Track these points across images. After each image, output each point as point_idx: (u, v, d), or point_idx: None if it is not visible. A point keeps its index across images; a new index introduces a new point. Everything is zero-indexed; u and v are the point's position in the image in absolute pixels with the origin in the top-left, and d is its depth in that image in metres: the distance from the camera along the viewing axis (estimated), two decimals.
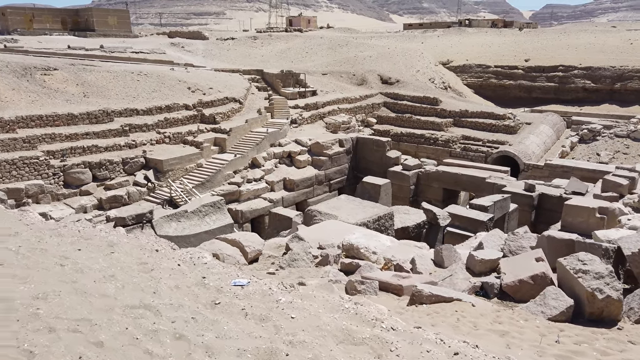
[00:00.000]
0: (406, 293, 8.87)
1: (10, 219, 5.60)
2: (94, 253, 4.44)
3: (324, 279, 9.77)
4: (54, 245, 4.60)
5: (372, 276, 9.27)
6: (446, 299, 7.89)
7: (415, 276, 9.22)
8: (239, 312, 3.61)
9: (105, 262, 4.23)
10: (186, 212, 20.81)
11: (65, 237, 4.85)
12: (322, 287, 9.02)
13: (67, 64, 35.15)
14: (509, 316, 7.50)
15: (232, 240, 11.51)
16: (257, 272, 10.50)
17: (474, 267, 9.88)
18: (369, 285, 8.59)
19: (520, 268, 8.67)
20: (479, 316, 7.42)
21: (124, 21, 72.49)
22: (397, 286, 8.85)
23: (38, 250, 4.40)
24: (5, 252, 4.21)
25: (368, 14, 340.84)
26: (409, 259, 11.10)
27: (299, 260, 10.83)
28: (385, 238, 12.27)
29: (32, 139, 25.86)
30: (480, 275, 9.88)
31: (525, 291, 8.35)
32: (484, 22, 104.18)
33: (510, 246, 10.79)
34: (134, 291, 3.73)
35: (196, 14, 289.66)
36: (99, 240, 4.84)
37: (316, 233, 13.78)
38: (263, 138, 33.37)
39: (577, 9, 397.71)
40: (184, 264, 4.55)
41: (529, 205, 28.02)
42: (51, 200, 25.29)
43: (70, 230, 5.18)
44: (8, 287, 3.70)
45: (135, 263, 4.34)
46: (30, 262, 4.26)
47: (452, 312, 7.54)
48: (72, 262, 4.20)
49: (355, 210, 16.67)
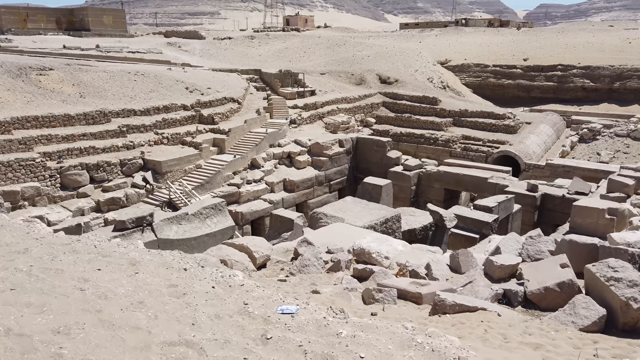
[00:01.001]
0: (425, 301, 8.52)
1: (16, 231, 5.15)
2: (116, 273, 3.99)
3: (337, 286, 9.40)
4: (70, 264, 4.15)
5: (388, 283, 8.91)
6: (470, 308, 7.54)
7: (434, 283, 8.86)
8: (296, 350, 3.17)
9: (131, 285, 3.79)
10: (187, 214, 20.40)
11: (81, 254, 4.40)
12: (337, 295, 8.66)
13: (62, 64, 34.59)
14: (538, 327, 7.15)
15: (240, 246, 11.13)
16: (267, 279, 10.12)
17: (493, 273, 9.54)
18: (387, 293, 8.22)
19: (545, 275, 8.33)
20: (507, 327, 7.07)
21: (119, 21, 71.75)
22: (416, 294, 8.49)
23: (53, 270, 3.98)
24: (15, 273, 3.77)
25: (363, 13, 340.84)
26: (423, 264, 10.76)
27: (309, 266, 10.46)
28: (397, 242, 11.91)
29: (28, 140, 25.33)
30: (500, 281, 9.55)
31: (551, 299, 8.02)
32: (480, 21, 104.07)
33: (528, 250, 10.46)
34: (170, 322, 3.28)
35: (191, 13, 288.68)
36: (119, 257, 4.40)
37: (323, 237, 13.41)
38: (262, 138, 32.96)
39: (571, 9, 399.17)
40: (218, 285, 4.12)
41: (532, 205, 27.77)
42: (48, 203, 24.79)
43: (85, 246, 4.74)
44: (24, 318, 3.25)
45: (164, 285, 3.89)
46: (46, 285, 3.88)
47: (478, 323, 7.18)
48: (94, 285, 3.74)
49: (362, 212, 16.31)
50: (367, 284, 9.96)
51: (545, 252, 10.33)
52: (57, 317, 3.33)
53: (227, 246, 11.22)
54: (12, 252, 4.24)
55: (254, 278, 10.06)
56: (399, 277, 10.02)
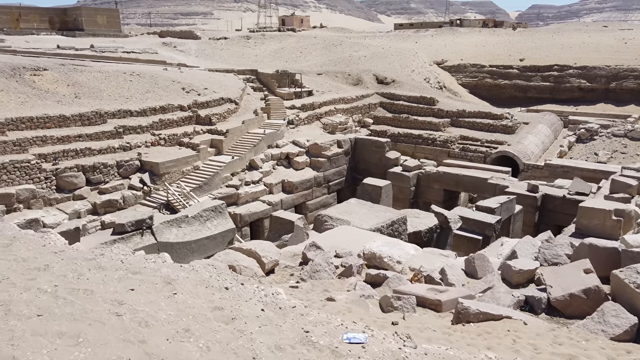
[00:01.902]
0: (445, 309, 8.24)
1: (31, 243, 4.73)
2: (152, 294, 3.58)
3: (351, 293, 9.09)
4: (99, 284, 3.70)
5: (405, 290, 8.62)
6: (495, 316, 7.27)
7: (452, 289, 8.57)
8: None
9: (171, 308, 3.36)
10: (187, 217, 20.00)
11: (109, 271, 3.99)
12: (354, 303, 8.35)
13: (57, 64, 34.08)
14: (567, 336, 6.88)
15: (248, 251, 10.80)
16: (278, 285, 9.80)
17: (511, 278, 9.28)
18: (406, 301, 7.93)
19: (568, 280, 8.07)
20: (535, 336, 6.80)
21: (113, 20, 71.03)
22: (435, 301, 8.21)
23: (81, 291, 3.57)
24: (40, 294, 3.35)
25: (356, 14, 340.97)
26: (437, 269, 10.48)
27: (320, 271, 10.15)
28: (408, 246, 11.63)
29: (23, 141, 24.83)
30: (518, 286, 9.29)
31: (576, 306, 7.76)
32: (475, 22, 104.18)
33: (545, 254, 10.22)
34: (226, 355, 2.85)
35: (183, 14, 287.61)
36: (150, 274, 4.01)
37: (330, 240, 13.11)
38: (260, 139, 32.61)
39: (563, 10, 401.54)
40: (267, 307, 3.74)
41: (533, 206, 27.63)
42: (43, 206, 24.31)
43: (111, 261, 4.34)
44: (58, 352, 2.84)
45: (208, 308, 3.48)
46: (77, 310, 3.45)
47: (504, 332, 6.90)
48: (130, 309, 3.32)
49: (368, 215, 16.03)
50: (381, 290, 9.68)
51: (563, 256, 10.09)
52: (96, 350, 2.83)
53: (234, 251, 10.89)
54: (31, 268, 3.82)
55: (264, 282, 9.74)
56: (414, 282, 9.73)
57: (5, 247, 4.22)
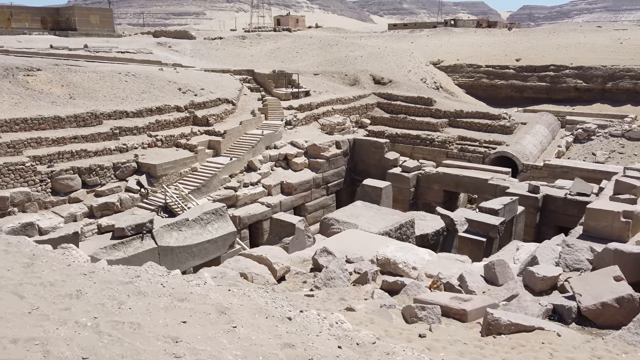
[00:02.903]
0: (470, 318, 7.91)
1: (54, 263, 4.26)
2: (207, 327, 3.09)
3: (370, 302, 8.74)
4: (145, 315, 3.27)
5: (427, 299, 8.29)
6: (527, 328, 6.94)
7: (476, 298, 8.25)
8: None
9: (236, 347, 2.86)
10: (187, 220, 19.59)
11: (151, 297, 3.51)
12: (375, 313, 7.99)
13: (50, 64, 33.47)
14: (604, 348, 6.57)
15: (259, 257, 10.43)
16: (292, 294, 9.43)
17: (535, 285, 8.97)
18: (431, 311, 7.60)
19: (598, 288, 7.77)
20: (572, 349, 6.48)
21: (106, 20, 70.19)
22: (460, 311, 7.88)
23: (127, 325, 3.10)
24: (79, 329, 2.88)
25: (349, 14, 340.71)
26: (454, 275, 10.16)
27: (335, 278, 9.80)
28: (422, 251, 11.30)
29: (17, 143, 24.28)
30: (542, 293, 8.99)
31: (609, 316, 7.46)
32: (469, 22, 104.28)
33: (566, 260, 9.93)
34: None
35: (175, 14, 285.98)
36: (199, 300, 3.57)
37: (339, 244, 12.76)
38: (259, 140, 32.19)
39: (554, 10, 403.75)
40: (342, 342, 3.33)
41: (534, 207, 27.44)
42: (38, 209, 23.76)
43: (150, 284, 3.88)
44: None
45: (277, 346, 2.99)
46: (127, 350, 2.93)
47: (539, 345, 6.58)
48: (189, 349, 2.78)
49: (375, 218, 15.70)
50: (399, 298, 9.35)
51: (584, 261, 9.80)
52: None
53: (244, 257, 10.51)
54: (62, 295, 3.36)
55: (277, 291, 9.37)
56: (433, 290, 9.41)
57: (26, 268, 3.80)
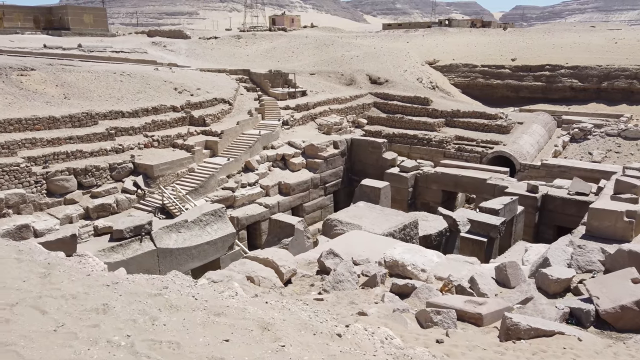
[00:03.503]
0: (486, 322, 7.73)
1: (73, 273, 3.92)
2: (253, 346, 2.75)
3: (381, 306, 8.53)
4: (182, 331, 2.99)
5: (441, 302, 8.09)
6: (547, 332, 6.77)
7: (491, 301, 8.07)
8: None
9: None
10: (186, 221, 19.30)
11: (185, 312, 3.19)
12: (388, 317, 7.79)
13: (44, 64, 33.04)
14: (627, 353, 6.42)
15: (265, 260, 10.21)
16: (299, 297, 9.21)
17: (548, 288, 8.82)
18: (446, 315, 7.40)
19: (616, 291, 7.61)
20: (594, 354, 6.31)
21: (100, 20, 69.61)
22: (475, 315, 7.69)
23: (165, 344, 2.80)
24: (112, 349, 2.52)
25: (342, 14, 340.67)
26: (464, 277, 9.97)
27: (344, 281, 9.59)
28: (430, 253, 11.12)
29: (11, 144, 23.89)
30: (556, 296, 8.84)
31: (628, 319, 7.30)
32: (463, 22, 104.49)
33: (578, 261, 9.78)
34: None
35: (168, 13, 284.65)
36: (237, 315, 3.27)
37: (344, 246, 12.55)
38: (256, 140, 31.94)
39: (546, 10, 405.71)
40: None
41: (533, 206, 27.37)
42: (33, 211, 23.40)
43: (181, 296, 3.57)
44: None
45: None
46: None
47: (561, 350, 6.40)
48: None
49: (378, 219, 15.51)
50: (410, 302, 9.15)
51: (597, 262, 9.66)
52: None
53: (250, 260, 10.28)
54: (88, 310, 3.06)
55: (286, 296, 9.15)
56: (444, 293, 9.22)
57: (43, 278, 3.54)
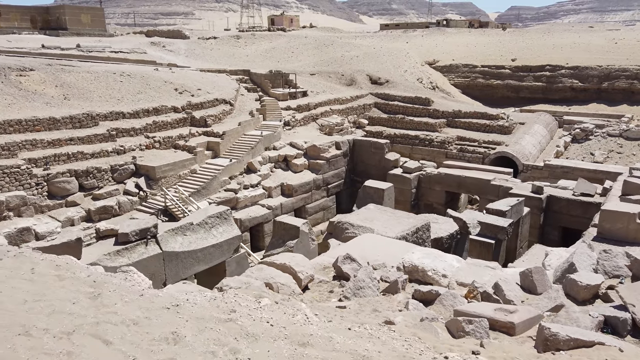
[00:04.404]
0: (518, 331, 7.48)
1: (124, 293, 3.65)
2: None
3: (406, 314, 8.27)
4: None
5: (470, 310, 7.83)
6: (587, 343, 6.50)
7: (522, 309, 7.82)
8: None
9: None
10: (192, 224, 19.02)
11: (265, 341, 2.73)
12: (417, 327, 7.51)
13: (43, 64, 32.64)
14: None
15: (282, 266, 9.93)
16: (319, 304, 8.93)
17: (577, 294, 8.57)
18: (479, 325, 7.14)
19: None
20: None
21: (98, 19, 69.04)
22: (508, 324, 7.43)
23: None
24: None
25: (338, 14, 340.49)
26: (486, 282, 9.70)
27: (364, 288, 9.31)
28: (450, 257, 10.87)
29: (12, 146, 23.51)
30: (585, 303, 8.59)
31: None
32: (461, 22, 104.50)
33: (604, 266, 9.55)
34: None
35: (164, 14, 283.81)
36: (326, 345, 2.92)
37: (359, 250, 12.28)
38: (258, 141, 31.63)
39: (541, 11, 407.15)
40: None
41: (538, 208, 27.18)
42: (34, 213, 23.03)
43: (254, 322, 3.20)
44: None
45: None
46: None
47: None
48: None
49: (390, 221, 15.25)
50: (435, 309, 8.89)
51: (623, 267, 9.43)
52: None
53: (267, 266, 10.00)
54: (156, 339, 2.71)
55: (306, 302, 8.87)
56: (470, 299, 8.96)
57: (93, 300, 3.22)
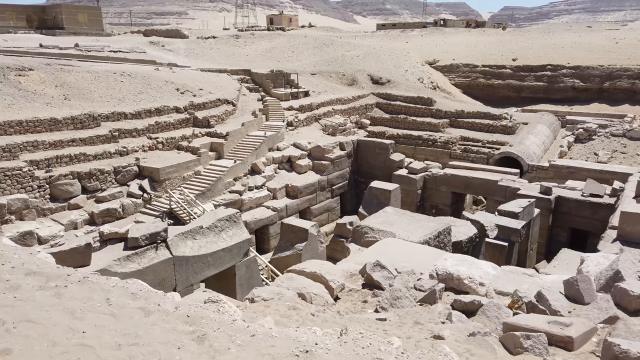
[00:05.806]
0: (576, 346, 7.06)
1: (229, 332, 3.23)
2: None
3: (451, 327, 7.82)
4: None
5: (520, 323, 7.42)
6: None
7: (577, 322, 7.40)
8: None
9: None
10: (202, 228, 18.46)
11: None
12: (470, 342, 7.07)
13: (42, 64, 31.96)
14: None
15: (313, 274, 9.47)
16: (355, 316, 8.47)
17: (629, 304, 8.18)
18: (537, 340, 6.72)
19: None
20: None
21: (95, 19, 68.12)
22: (565, 338, 7.02)
23: None
24: None
25: (332, 14, 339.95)
26: (526, 291, 9.27)
27: (401, 298, 8.87)
28: (484, 264, 10.44)
29: (13, 147, 22.87)
30: (637, 314, 8.19)
31: None
32: (458, 22, 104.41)
33: None
34: None
35: (157, 13, 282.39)
36: None
37: (382, 256, 11.82)
38: (262, 142, 31.11)
39: (534, 11, 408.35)
40: None
41: (547, 209, 26.89)
42: (37, 216, 22.41)
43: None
44: None
45: None
46: None
47: None
48: None
49: (411, 225, 14.82)
50: (478, 320, 8.46)
51: None
52: None
53: (297, 275, 9.53)
54: None
55: (342, 314, 8.41)
56: (514, 310, 8.54)
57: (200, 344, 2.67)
